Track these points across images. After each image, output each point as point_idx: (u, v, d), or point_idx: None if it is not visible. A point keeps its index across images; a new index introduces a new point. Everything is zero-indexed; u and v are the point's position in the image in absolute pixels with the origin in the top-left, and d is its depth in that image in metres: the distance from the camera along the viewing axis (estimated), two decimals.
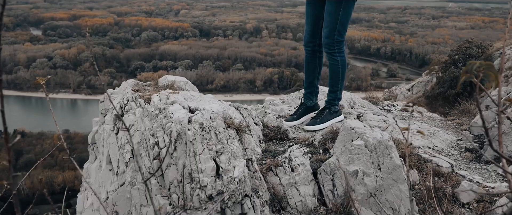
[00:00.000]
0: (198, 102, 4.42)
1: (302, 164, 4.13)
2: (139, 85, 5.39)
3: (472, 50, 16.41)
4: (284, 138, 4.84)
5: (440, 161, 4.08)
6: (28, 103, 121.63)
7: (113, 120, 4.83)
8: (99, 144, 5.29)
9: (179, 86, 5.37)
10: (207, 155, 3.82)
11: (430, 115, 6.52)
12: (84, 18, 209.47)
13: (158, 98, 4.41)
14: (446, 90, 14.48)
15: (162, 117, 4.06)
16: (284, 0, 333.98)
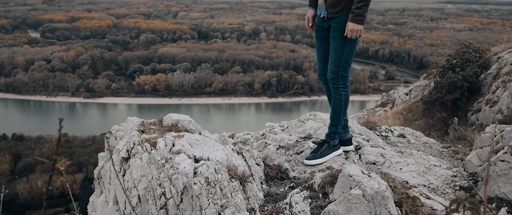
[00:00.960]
0: (202, 149, 4.54)
1: (303, 211, 4.23)
2: (144, 125, 5.51)
3: (470, 55, 16.44)
4: (285, 177, 4.90)
5: (435, 204, 4.14)
6: (27, 106, 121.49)
7: (120, 162, 4.93)
8: (105, 180, 5.38)
9: (183, 125, 5.47)
10: (213, 210, 4.01)
11: (426, 140, 6.54)
12: (83, 21, 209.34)
13: (164, 143, 4.56)
14: (444, 95, 14.51)
15: (168, 167, 4.23)
16: (282, 2, 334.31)
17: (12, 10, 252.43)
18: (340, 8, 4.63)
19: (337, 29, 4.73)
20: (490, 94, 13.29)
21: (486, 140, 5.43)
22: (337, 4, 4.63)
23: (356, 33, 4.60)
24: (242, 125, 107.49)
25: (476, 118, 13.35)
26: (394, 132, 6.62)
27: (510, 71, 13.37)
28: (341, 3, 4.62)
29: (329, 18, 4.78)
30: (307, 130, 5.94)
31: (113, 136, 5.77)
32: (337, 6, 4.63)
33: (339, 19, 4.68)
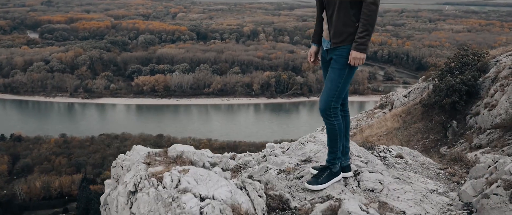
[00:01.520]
0: (207, 185, 4.66)
1: None
2: (150, 157, 5.60)
3: (468, 58, 16.47)
4: (286, 207, 4.97)
5: None
6: (25, 107, 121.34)
7: (127, 194, 5.01)
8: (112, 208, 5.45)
9: (187, 157, 5.56)
10: None
11: (423, 160, 6.59)
12: (81, 21, 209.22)
13: (170, 179, 4.72)
14: (442, 98, 14.52)
15: (175, 206, 4.37)
16: (281, 3, 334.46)
17: (10, 11, 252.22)
18: (343, 38, 4.72)
19: (337, 61, 4.81)
20: (489, 97, 13.32)
21: (480, 169, 5.49)
22: (341, 33, 4.71)
23: (359, 62, 4.68)
24: (241, 125, 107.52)
25: (475, 121, 13.37)
26: (392, 152, 6.66)
27: (508, 75, 13.39)
28: (344, 32, 4.70)
29: (332, 49, 4.86)
30: (307, 152, 5.97)
31: (120, 166, 5.85)
32: (340, 35, 4.72)
33: (340, 51, 4.77)
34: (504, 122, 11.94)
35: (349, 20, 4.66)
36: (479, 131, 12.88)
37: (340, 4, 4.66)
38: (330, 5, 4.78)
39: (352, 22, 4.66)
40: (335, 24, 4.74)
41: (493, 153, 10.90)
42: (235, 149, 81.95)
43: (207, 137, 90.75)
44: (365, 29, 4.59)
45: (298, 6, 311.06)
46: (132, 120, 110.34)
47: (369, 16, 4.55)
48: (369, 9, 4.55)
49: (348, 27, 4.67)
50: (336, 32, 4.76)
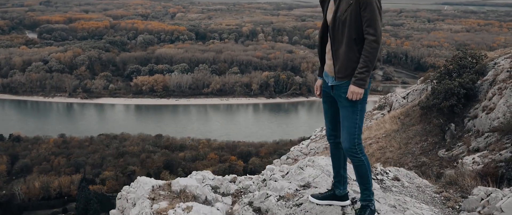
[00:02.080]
0: None
1: None
2: (154, 192, 5.68)
3: (466, 61, 16.56)
4: None
5: None
6: (24, 107, 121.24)
7: None
8: None
9: (190, 191, 5.65)
10: None
11: (420, 182, 6.69)
12: (80, 21, 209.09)
13: None
14: (441, 101, 14.61)
15: None
16: (280, 3, 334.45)
17: (9, 11, 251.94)
18: (348, 73, 4.80)
19: (347, 99, 4.87)
20: (487, 101, 13.42)
21: (473, 202, 5.58)
22: (345, 69, 4.79)
23: (357, 96, 4.75)
24: (240, 125, 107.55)
25: (473, 124, 13.47)
26: (389, 174, 6.73)
27: (506, 78, 13.48)
28: (348, 68, 4.78)
29: (337, 86, 4.92)
30: (306, 177, 6.04)
31: (125, 198, 5.94)
32: (345, 71, 4.80)
33: (347, 87, 4.84)
34: (502, 125, 12.03)
35: (354, 55, 4.74)
36: (477, 134, 12.97)
37: (347, 40, 4.74)
38: (335, 41, 4.85)
39: (356, 58, 4.75)
40: (340, 59, 4.82)
41: (491, 156, 11.00)
42: (234, 149, 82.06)
43: (206, 137, 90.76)
44: (365, 66, 4.68)
45: (297, 6, 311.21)
46: (131, 120, 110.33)
47: (370, 53, 4.65)
48: (371, 46, 4.64)
49: (353, 62, 4.76)
50: (341, 67, 4.84)
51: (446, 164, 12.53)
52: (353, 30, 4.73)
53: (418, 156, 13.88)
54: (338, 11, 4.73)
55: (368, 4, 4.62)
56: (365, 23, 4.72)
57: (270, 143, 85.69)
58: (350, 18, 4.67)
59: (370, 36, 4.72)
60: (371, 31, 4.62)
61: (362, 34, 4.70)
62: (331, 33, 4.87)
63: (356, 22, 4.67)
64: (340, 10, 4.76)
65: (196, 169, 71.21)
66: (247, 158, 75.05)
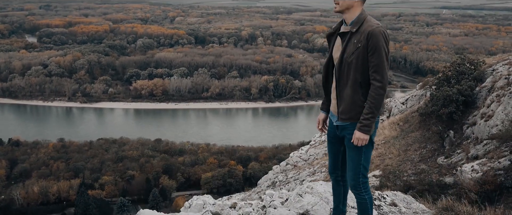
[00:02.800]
0: None
1: None
2: None
3: (465, 67, 16.59)
4: None
5: None
6: (24, 111, 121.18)
7: None
8: None
9: None
10: None
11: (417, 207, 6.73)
12: (80, 25, 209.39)
13: None
14: (439, 108, 14.63)
15: None
16: (279, 7, 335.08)
17: (9, 15, 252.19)
18: (351, 115, 4.82)
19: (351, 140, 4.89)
20: (485, 108, 13.45)
21: None
22: (349, 111, 4.81)
23: (362, 142, 4.76)
24: (240, 130, 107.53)
25: (472, 131, 13.50)
26: (386, 200, 6.77)
27: (504, 85, 13.52)
28: (352, 110, 4.79)
29: (342, 127, 4.95)
30: (305, 205, 6.07)
31: None
32: (348, 112, 4.82)
33: (353, 129, 4.84)
34: (501, 132, 12.05)
35: (358, 98, 4.75)
36: (476, 141, 12.99)
37: (352, 82, 4.74)
38: (341, 82, 4.85)
39: (361, 101, 4.75)
40: (344, 101, 4.83)
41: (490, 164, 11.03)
42: (233, 153, 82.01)
43: (206, 142, 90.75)
44: (370, 112, 4.67)
45: (296, 10, 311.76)
46: (130, 124, 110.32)
47: (376, 99, 4.64)
48: (376, 92, 4.63)
49: (357, 106, 4.77)
50: (344, 109, 4.85)
51: (445, 171, 12.55)
52: (359, 74, 4.72)
53: (417, 163, 13.89)
54: (345, 52, 4.71)
55: (376, 49, 4.59)
56: (372, 68, 4.70)
57: (270, 148, 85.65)
58: (357, 61, 4.65)
59: (376, 82, 4.70)
60: (378, 78, 4.60)
61: (368, 78, 4.69)
62: (337, 73, 4.86)
63: (363, 65, 4.66)
64: (347, 52, 4.73)
65: (196, 173, 71.29)
66: (247, 163, 74.99)
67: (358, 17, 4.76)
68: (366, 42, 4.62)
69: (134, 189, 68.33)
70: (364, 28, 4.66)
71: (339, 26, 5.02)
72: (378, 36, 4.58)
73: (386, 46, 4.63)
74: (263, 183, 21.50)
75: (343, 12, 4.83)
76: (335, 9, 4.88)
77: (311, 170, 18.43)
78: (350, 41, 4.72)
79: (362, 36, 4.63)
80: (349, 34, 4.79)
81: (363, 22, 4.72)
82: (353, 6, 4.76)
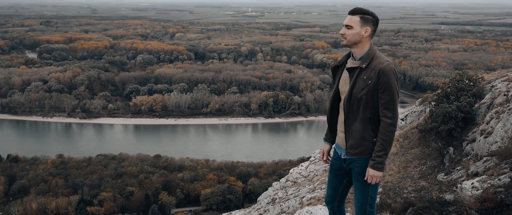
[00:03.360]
0: None
1: None
2: None
3: (464, 84, 16.63)
4: None
5: None
6: (23, 127, 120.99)
7: None
8: None
9: None
10: None
11: None
12: (80, 41, 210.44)
13: None
14: (439, 125, 14.64)
15: None
16: (278, 23, 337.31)
17: (9, 31, 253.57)
18: (360, 151, 4.83)
19: (361, 173, 4.94)
20: (485, 124, 13.46)
21: None
22: (358, 146, 4.81)
23: (376, 180, 4.81)
24: (241, 145, 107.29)
25: (471, 148, 13.48)
26: None
27: (503, 102, 13.55)
28: (361, 145, 4.80)
29: (350, 160, 4.95)
30: None
31: None
32: (358, 148, 4.83)
33: (360, 163, 4.88)
34: (500, 149, 12.04)
35: (368, 134, 4.78)
36: (476, 158, 12.97)
37: (361, 117, 4.76)
38: (350, 116, 4.86)
39: (370, 137, 4.79)
40: (353, 135, 4.85)
41: (490, 181, 11.00)
42: (233, 169, 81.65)
43: (205, 157, 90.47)
44: (383, 149, 4.70)
45: (295, 26, 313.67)
46: (129, 140, 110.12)
47: (387, 136, 4.67)
48: (388, 130, 4.66)
49: (366, 141, 4.80)
50: (353, 144, 4.86)
51: (445, 188, 12.50)
52: (368, 109, 4.74)
53: (417, 180, 13.85)
54: (354, 88, 4.71)
55: (387, 86, 4.61)
56: (383, 105, 4.72)
57: (269, 163, 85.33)
58: (367, 98, 4.67)
59: (387, 119, 4.71)
60: (389, 115, 4.63)
61: (378, 113, 4.70)
62: (346, 108, 4.86)
63: (373, 102, 4.68)
64: (356, 87, 4.74)
65: (195, 190, 70.92)
66: (246, 179, 74.67)
67: (367, 53, 4.76)
68: (377, 79, 4.63)
69: (133, 205, 67.86)
70: (374, 64, 4.67)
71: (346, 59, 5.02)
72: (389, 74, 4.59)
73: (397, 83, 4.65)
74: (263, 199, 21.38)
75: (351, 47, 4.84)
76: (342, 42, 4.88)
77: (311, 186, 18.34)
78: (359, 77, 4.71)
79: (372, 73, 4.64)
80: (358, 70, 4.79)
81: (373, 58, 4.74)
82: (361, 41, 4.77)
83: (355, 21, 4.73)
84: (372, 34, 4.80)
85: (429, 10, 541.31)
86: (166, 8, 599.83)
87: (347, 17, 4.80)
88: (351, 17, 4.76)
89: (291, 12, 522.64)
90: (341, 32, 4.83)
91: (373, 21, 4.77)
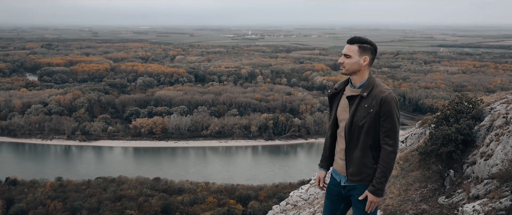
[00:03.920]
0: None
1: None
2: None
3: (463, 106, 16.66)
4: None
5: None
6: (22, 150, 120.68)
7: None
8: None
9: None
10: None
11: None
12: (81, 64, 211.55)
13: None
14: (438, 147, 14.62)
15: None
16: (278, 45, 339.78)
17: (11, 53, 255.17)
18: (361, 178, 4.88)
19: (362, 201, 4.99)
20: (485, 147, 13.44)
21: None
22: (359, 173, 4.86)
23: (375, 205, 4.88)
24: (242, 168, 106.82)
25: (472, 170, 13.43)
26: None
27: (502, 124, 13.56)
28: (362, 173, 4.85)
29: (350, 187, 4.98)
30: None
31: None
32: (359, 175, 4.88)
33: (362, 190, 4.95)
34: (501, 172, 12.00)
35: (368, 161, 4.85)
36: (477, 180, 12.91)
37: (362, 145, 4.81)
38: (350, 144, 4.92)
39: (371, 164, 4.87)
40: (354, 163, 4.90)
41: (491, 204, 10.92)
42: (233, 192, 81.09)
43: (205, 180, 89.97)
44: (383, 175, 4.78)
45: (295, 49, 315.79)
46: (129, 163, 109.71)
47: (388, 163, 4.76)
48: (389, 157, 4.74)
49: (367, 168, 4.88)
50: (354, 171, 4.91)
51: (446, 212, 12.41)
52: (369, 137, 4.79)
53: (418, 203, 13.74)
54: (355, 115, 4.76)
55: (389, 115, 4.67)
56: (384, 133, 4.78)
57: (270, 186, 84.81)
58: (368, 126, 4.72)
59: (388, 146, 4.77)
60: (390, 142, 4.69)
61: (378, 141, 4.75)
62: (347, 136, 4.90)
63: (374, 129, 4.74)
64: (357, 115, 4.79)
65: (195, 213, 70.26)
66: (246, 202, 74.08)
67: (367, 81, 4.82)
68: (379, 108, 4.68)
69: None
70: (375, 93, 4.72)
71: (343, 86, 5.05)
72: (391, 103, 4.66)
73: (397, 112, 4.72)
74: None
75: (350, 75, 4.88)
76: (341, 71, 4.95)
77: (311, 210, 18.20)
78: (360, 105, 4.76)
79: (374, 101, 4.69)
80: (359, 98, 4.84)
81: (374, 86, 4.79)
82: (360, 70, 4.82)
83: (353, 50, 4.78)
84: (370, 62, 4.85)
85: (427, 33, 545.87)
86: (167, 31, 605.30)
87: (346, 46, 4.86)
88: (349, 46, 4.82)
89: (290, 35, 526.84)
90: (340, 61, 4.87)
91: (371, 49, 4.82)
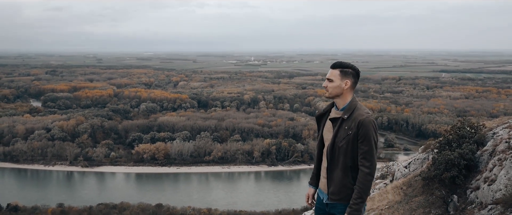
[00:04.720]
0: None
1: None
2: None
3: (465, 131, 16.67)
4: None
5: None
6: (24, 175, 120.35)
7: None
8: None
9: None
10: None
11: None
12: (84, 90, 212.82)
13: None
14: (442, 173, 14.58)
15: None
16: (280, 71, 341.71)
17: (15, 80, 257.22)
18: (341, 197, 5.04)
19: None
20: (488, 172, 13.39)
21: None
22: (339, 192, 5.02)
23: None
24: (246, 194, 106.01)
25: (476, 195, 13.35)
26: None
27: (505, 149, 13.55)
28: (342, 192, 5.02)
29: (332, 205, 5.13)
30: None
31: None
32: (338, 194, 5.05)
33: (342, 208, 5.13)
34: (505, 197, 11.93)
35: (348, 182, 5.03)
36: (481, 206, 12.82)
37: (342, 166, 4.96)
38: (332, 164, 5.10)
39: (350, 184, 5.06)
40: (335, 182, 5.07)
41: None
42: None
43: (208, 206, 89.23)
44: (359, 196, 4.92)
45: (297, 75, 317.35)
46: (131, 189, 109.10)
47: (364, 184, 4.92)
48: (365, 179, 4.90)
49: (347, 188, 5.06)
50: (334, 190, 5.08)
51: None
52: (349, 158, 4.95)
53: None
54: (336, 137, 4.93)
55: (366, 137, 4.83)
56: (361, 155, 4.95)
57: (273, 212, 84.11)
58: (347, 147, 4.89)
59: (365, 168, 4.93)
60: (367, 164, 4.83)
61: (357, 163, 4.88)
62: (328, 156, 5.07)
63: (352, 151, 4.90)
64: (338, 136, 4.98)
65: None
66: None
67: (349, 104, 4.97)
68: (357, 130, 4.84)
69: None
70: (355, 116, 4.88)
71: (329, 108, 5.20)
72: (368, 126, 4.80)
73: (375, 135, 4.86)
74: None
75: (334, 98, 5.03)
76: (325, 95, 5.13)
77: None
78: (341, 127, 4.93)
79: (353, 124, 4.85)
80: (340, 120, 4.99)
81: (354, 109, 4.95)
82: (342, 93, 4.97)
83: (335, 74, 4.96)
84: (353, 86, 5.01)
85: (429, 58, 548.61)
86: (170, 57, 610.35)
87: (329, 71, 5.06)
88: (332, 70, 5.01)
89: (293, 61, 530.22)
90: (324, 84, 5.05)
91: (352, 74, 4.98)
